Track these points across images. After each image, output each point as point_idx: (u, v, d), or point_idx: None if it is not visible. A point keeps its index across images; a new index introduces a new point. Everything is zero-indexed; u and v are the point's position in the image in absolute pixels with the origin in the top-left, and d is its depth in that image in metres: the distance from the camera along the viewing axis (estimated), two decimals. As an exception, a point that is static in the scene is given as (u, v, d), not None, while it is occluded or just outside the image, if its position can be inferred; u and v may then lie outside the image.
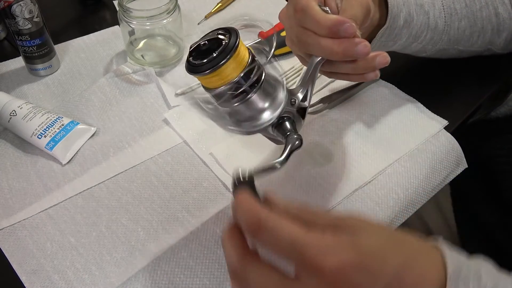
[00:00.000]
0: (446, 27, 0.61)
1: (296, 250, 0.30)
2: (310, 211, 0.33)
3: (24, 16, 0.63)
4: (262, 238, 0.31)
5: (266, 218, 0.31)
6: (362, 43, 0.42)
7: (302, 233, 0.30)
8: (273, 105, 0.42)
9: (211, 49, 0.39)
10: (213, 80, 0.40)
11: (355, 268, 0.29)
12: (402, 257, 0.32)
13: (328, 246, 0.30)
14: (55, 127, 0.60)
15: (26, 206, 0.55)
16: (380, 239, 0.32)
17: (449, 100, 0.68)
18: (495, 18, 0.63)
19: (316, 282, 0.30)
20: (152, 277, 0.49)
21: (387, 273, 0.30)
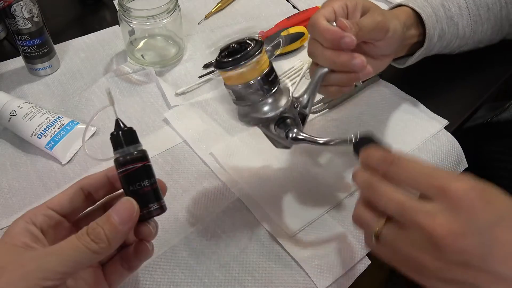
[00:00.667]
0: (472, 33, 0.64)
1: (427, 177, 0.36)
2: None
3: (24, 16, 0.63)
4: (398, 170, 0.38)
5: (399, 156, 0.38)
6: (358, 58, 0.48)
7: (431, 167, 0.37)
8: (277, 105, 0.47)
9: (237, 51, 0.44)
10: (233, 78, 0.45)
11: (476, 192, 0.34)
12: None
13: (452, 176, 0.36)
14: (55, 127, 0.60)
15: (26, 206, 0.55)
16: (492, 186, 0.36)
17: (449, 100, 0.68)
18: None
19: (440, 200, 0.35)
20: (152, 277, 0.49)
21: (502, 208, 0.35)
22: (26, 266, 0.34)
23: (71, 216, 0.42)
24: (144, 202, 0.40)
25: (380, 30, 0.51)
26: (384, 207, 0.37)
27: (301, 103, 0.50)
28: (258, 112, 0.46)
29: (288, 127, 0.48)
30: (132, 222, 0.38)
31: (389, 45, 0.53)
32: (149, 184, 0.41)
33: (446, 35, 0.62)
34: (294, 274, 0.50)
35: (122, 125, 0.42)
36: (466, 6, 0.62)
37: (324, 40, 0.48)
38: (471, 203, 0.34)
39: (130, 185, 0.40)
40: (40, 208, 0.40)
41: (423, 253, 0.35)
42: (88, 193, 0.43)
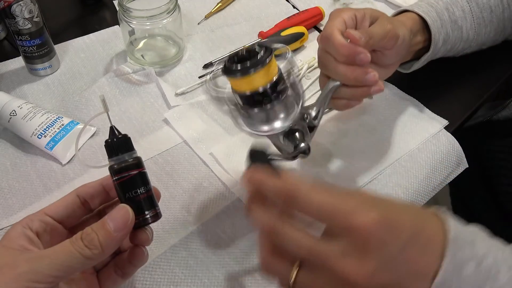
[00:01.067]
0: (475, 36, 0.64)
1: (328, 213, 0.34)
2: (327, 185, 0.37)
3: (24, 16, 0.63)
4: (297, 205, 0.35)
5: (299, 187, 0.35)
6: (371, 73, 0.48)
7: (332, 197, 0.34)
8: (287, 116, 0.46)
9: (246, 58, 0.44)
10: (241, 85, 0.45)
11: (380, 225, 0.33)
12: (415, 218, 0.35)
13: (356, 208, 0.34)
14: (55, 127, 0.60)
15: (26, 206, 0.55)
16: (394, 203, 0.36)
17: (449, 100, 0.68)
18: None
19: (346, 240, 0.33)
20: (152, 277, 0.49)
21: (407, 230, 0.34)
22: (19, 268, 0.35)
23: (68, 222, 0.43)
24: (140, 209, 0.40)
25: (390, 38, 0.51)
26: (293, 253, 0.36)
27: (311, 115, 0.49)
28: (268, 123, 0.46)
29: (297, 140, 0.47)
30: (127, 230, 0.39)
31: (398, 53, 0.54)
32: (144, 191, 0.41)
33: (451, 39, 0.62)
34: (294, 274, 0.50)
35: (116, 132, 0.42)
36: (470, 9, 0.62)
37: (339, 55, 0.48)
38: (378, 238, 0.33)
39: (125, 193, 0.40)
40: (37, 214, 0.41)
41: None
42: (84, 201, 0.43)
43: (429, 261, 0.33)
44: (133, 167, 0.41)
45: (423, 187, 0.58)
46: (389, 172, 0.59)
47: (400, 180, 0.58)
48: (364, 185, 0.57)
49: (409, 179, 0.58)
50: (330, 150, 0.61)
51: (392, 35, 0.51)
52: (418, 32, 0.59)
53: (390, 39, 0.51)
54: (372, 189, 0.57)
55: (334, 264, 0.33)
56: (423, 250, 0.33)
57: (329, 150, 0.61)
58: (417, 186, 0.58)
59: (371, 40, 0.49)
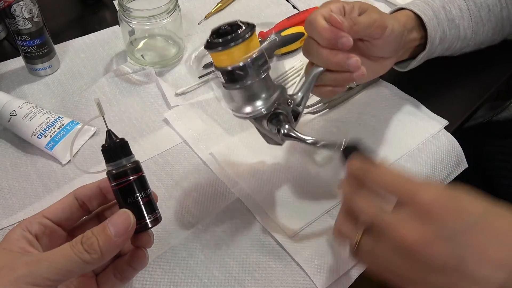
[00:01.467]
0: (473, 35, 0.64)
1: (399, 186, 0.38)
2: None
3: (24, 16, 0.63)
4: (372, 177, 0.40)
5: (376, 165, 0.41)
6: (353, 58, 0.48)
7: (404, 176, 0.38)
8: (269, 98, 0.47)
9: (228, 33, 0.44)
10: (222, 59, 0.45)
11: (444, 202, 0.36)
12: (484, 209, 0.36)
13: (426, 185, 0.37)
14: (55, 127, 0.60)
15: (26, 206, 0.55)
16: (466, 193, 0.37)
17: (449, 100, 0.68)
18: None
19: (410, 209, 0.36)
20: (152, 277, 0.49)
21: (472, 215, 0.35)
22: (18, 271, 0.35)
23: (66, 224, 0.43)
24: (140, 214, 0.40)
25: (377, 27, 0.51)
26: (362, 219, 0.40)
27: (295, 100, 0.50)
28: (251, 105, 0.47)
29: (280, 123, 0.48)
30: (128, 235, 0.39)
31: (387, 45, 0.53)
32: (144, 195, 0.41)
33: (448, 38, 0.62)
34: (294, 274, 0.50)
35: (114, 136, 0.41)
36: (467, 8, 0.62)
37: (321, 39, 0.48)
38: (439, 210, 0.35)
39: (125, 198, 0.40)
40: (36, 216, 0.41)
41: (400, 261, 0.36)
42: (82, 203, 0.43)
43: (503, 252, 0.34)
44: (132, 172, 0.40)
45: (423, 187, 0.58)
46: (389, 172, 0.59)
47: (400, 180, 0.58)
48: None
49: (409, 179, 0.58)
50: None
51: (379, 24, 0.51)
52: (414, 29, 0.59)
53: (376, 28, 0.51)
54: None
55: (394, 227, 0.36)
56: (492, 239, 0.34)
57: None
58: (417, 186, 0.58)
59: (355, 27, 0.49)
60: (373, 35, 0.51)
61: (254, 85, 0.46)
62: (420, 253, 0.35)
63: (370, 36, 0.51)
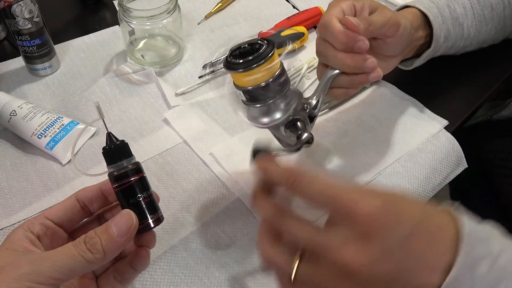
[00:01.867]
0: (476, 33, 0.64)
1: (331, 199, 0.34)
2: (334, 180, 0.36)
3: (24, 16, 0.63)
4: (300, 189, 0.35)
5: (303, 173, 0.35)
6: (370, 59, 0.48)
7: (336, 186, 0.34)
8: (288, 108, 0.46)
9: (248, 53, 0.43)
10: (243, 80, 0.44)
11: (384, 212, 0.32)
12: (420, 209, 0.34)
13: (360, 195, 0.33)
14: (55, 127, 0.60)
15: (26, 206, 0.55)
16: (399, 195, 0.35)
17: (449, 100, 0.68)
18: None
19: (347, 228, 0.33)
20: (152, 277, 0.49)
21: (411, 219, 0.33)
22: (21, 269, 0.35)
23: (67, 226, 0.43)
24: (142, 215, 0.41)
25: (391, 25, 0.50)
26: (294, 243, 0.36)
27: (311, 104, 0.49)
28: (269, 115, 0.46)
29: (299, 130, 0.47)
30: (130, 235, 0.39)
31: (399, 43, 0.53)
32: (146, 196, 0.41)
33: (452, 36, 0.62)
34: (294, 274, 0.50)
35: (114, 138, 0.42)
36: (471, 6, 0.62)
37: (337, 42, 0.48)
38: (381, 226, 0.32)
39: (127, 199, 0.40)
40: (38, 217, 0.41)
41: (344, 285, 0.33)
42: (83, 205, 0.43)
43: (437, 253, 0.32)
44: (133, 174, 0.41)
45: (423, 187, 0.58)
46: (389, 172, 0.59)
47: (400, 180, 0.58)
48: (364, 185, 0.57)
49: (409, 179, 0.58)
50: (330, 150, 0.61)
51: (393, 22, 0.50)
52: (420, 28, 0.59)
53: (391, 26, 0.50)
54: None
55: (335, 252, 0.33)
56: (430, 241, 0.32)
57: (329, 150, 0.61)
58: (417, 186, 0.58)
59: (371, 27, 0.48)
60: (387, 34, 0.51)
61: (275, 102, 0.45)
62: (367, 275, 0.32)
63: (384, 35, 0.51)
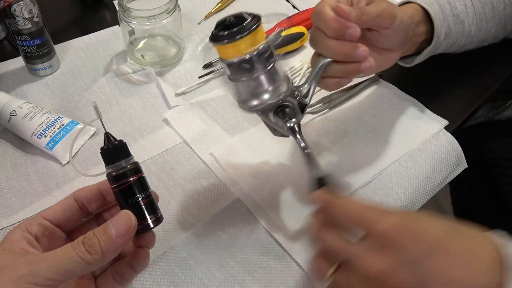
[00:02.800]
0: (477, 31, 0.64)
1: (357, 218, 0.39)
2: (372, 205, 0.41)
3: (24, 16, 0.63)
4: (335, 211, 0.41)
5: (336, 199, 0.42)
6: (361, 47, 0.47)
7: (363, 206, 0.40)
8: (276, 90, 0.46)
9: (233, 25, 0.44)
10: (228, 52, 0.45)
11: (400, 231, 0.36)
12: (444, 231, 0.37)
13: (381, 214, 0.38)
14: (55, 127, 0.60)
15: (26, 206, 0.55)
16: (425, 217, 0.38)
17: (449, 100, 0.68)
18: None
19: (370, 241, 0.37)
20: (152, 277, 0.49)
21: (430, 239, 0.36)
22: (19, 270, 0.35)
23: (65, 226, 0.42)
24: (141, 215, 0.40)
25: (386, 16, 0.50)
26: (332, 253, 0.41)
27: (301, 92, 0.49)
28: (257, 99, 0.46)
29: (287, 116, 0.47)
30: (129, 236, 0.39)
31: (395, 35, 0.53)
32: (145, 196, 0.41)
33: (453, 33, 0.62)
34: (294, 274, 0.50)
35: (112, 138, 0.41)
36: (472, 4, 0.62)
37: (328, 29, 0.47)
38: (398, 240, 0.36)
39: (125, 200, 0.40)
40: (36, 218, 0.41)
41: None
42: (82, 205, 0.43)
43: (469, 274, 0.34)
44: (131, 174, 0.40)
45: (423, 187, 0.58)
46: (389, 172, 0.59)
47: (400, 180, 0.58)
48: (364, 185, 0.57)
49: (409, 179, 0.58)
50: (330, 150, 0.61)
51: (389, 13, 0.50)
52: (420, 23, 0.59)
53: (386, 17, 0.50)
54: (372, 189, 0.57)
55: (359, 260, 0.37)
56: (456, 261, 0.34)
57: (329, 150, 0.61)
58: (417, 186, 0.58)
59: (364, 16, 0.48)
60: (382, 25, 0.51)
61: (260, 77, 0.45)
62: (386, 283, 0.35)
63: (379, 26, 0.51)
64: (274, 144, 0.60)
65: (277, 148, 0.61)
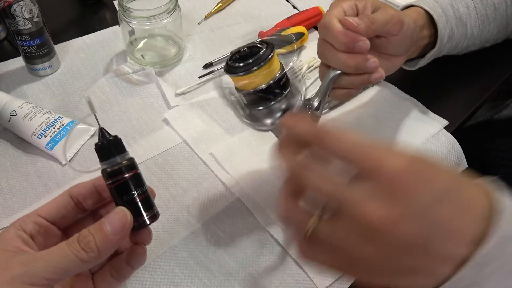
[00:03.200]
0: (479, 33, 0.64)
1: (358, 155, 0.32)
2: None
3: (24, 16, 0.63)
4: (328, 145, 0.33)
5: (332, 129, 0.34)
6: (371, 59, 0.48)
7: (364, 142, 0.32)
8: (290, 109, 0.46)
9: (248, 56, 0.44)
10: (244, 83, 0.45)
11: (412, 173, 0.31)
12: (452, 177, 0.33)
13: (388, 153, 0.32)
14: (55, 127, 0.60)
15: (26, 206, 0.55)
16: (432, 160, 0.33)
17: (449, 100, 0.68)
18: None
19: (372, 184, 0.31)
20: (152, 277, 0.49)
21: (440, 184, 0.31)
22: (13, 270, 0.34)
23: (61, 223, 0.42)
24: (137, 211, 0.40)
25: (395, 23, 0.50)
26: (316, 198, 0.34)
27: (313, 106, 0.49)
28: (270, 117, 0.46)
29: None
30: (125, 233, 0.38)
31: (403, 41, 0.53)
32: (140, 193, 0.40)
33: (456, 36, 0.62)
34: (294, 274, 0.50)
35: (107, 134, 0.40)
36: (474, 6, 0.62)
37: (338, 43, 0.48)
38: (407, 184, 0.30)
39: (121, 196, 0.40)
40: (30, 215, 0.40)
41: (363, 245, 0.31)
42: (77, 201, 0.43)
43: (466, 224, 0.31)
44: (127, 170, 0.40)
45: (423, 187, 0.58)
46: (389, 172, 0.59)
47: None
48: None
49: (409, 179, 0.58)
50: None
51: (397, 19, 0.50)
52: (424, 27, 0.59)
53: (395, 24, 0.50)
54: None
55: (356, 207, 0.31)
56: (459, 211, 0.31)
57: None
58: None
59: (374, 25, 0.48)
60: (391, 32, 0.51)
61: (276, 104, 0.46)
62: (387, 233, 0.30)
63: (387, 33, 0.51)
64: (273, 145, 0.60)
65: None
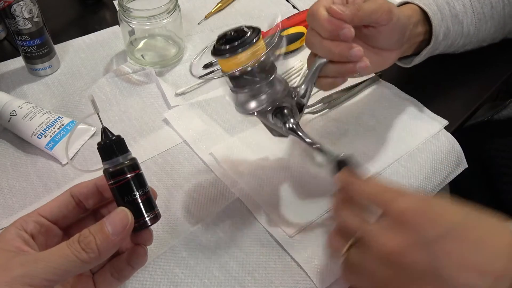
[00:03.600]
0: (476, 32, 0.64)
1: (376, 198, 0.41)
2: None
3: (24, 16, 0.63)
4: (355, 191, 0.43)
5: (357, 178, 0.44)
6: (356, 48, 0.48)
7: (382, 187, 0.41)
8: (274, 93, 0.47)
9: (234, 39, 0.45)
10: (230, 65, 0.46)
11: (415, 212, 0.37)
12: (461, 216, 0.37)
13: (398, 195, 0.39)
14: (55, 127, 0.60)
15: (26, 206, 0.55)
16: (444, 202, 0.39)
17: (449, 100, 0.68)
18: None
19: (386, 221, 0.39)
20: (152, 277, 0.49)
21: (446, 223, 0.36)
22: (13, 271, 0.34)
23: (62, 223, 0.42)
24: (138, 212, 0.40)
25: (383, 12, 0.50)
26: (349, 231, 0.42)
27: (299, 93, 0.50)
28: (255, 101, 0.47)
29: (286, 117, 0.48)
30: (125, 234, 0.38)
31: (393, 33, 0.53)
32: (142, 193, 0.40)
33: (451, 33, 0.62)
34: (294, 274, 0.50)
35: (109, 133, 0.40)
36: (470, 4, 0.62)
37: (323, 30, 0.48)
38: (414, 218, 0.36)
39: (122, 196, 0.39)
40: (31, 215, 0.40)
41: (383, 270, 0.37)
42: (78, 201, 0.42)
43: (485, 258, 0.34)
44: (129, 170, 0.39)
45: (423, 187, 0.58)
46: (389, 172, 0.59)
47: (400, 180, 0.58)
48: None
49: (409, 179, 0.58)
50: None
51: (386, 9, 0.50)
52: (419, 23, 0.59)
53: (383, 13, 0.50)
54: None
55: (375, 237, 0.38)
56: (472, 247, 0.35)
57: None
58: (417, 186, 0.58)
59: (360, 13, 0.48)
60: (380, 21, 0.50)
61: (261, 87, 0.46)
62: (398, 261, 0.36)
63: (376, 22, 0.50)
64: (273, 144, 0.60)
65: (277, 148, 0.61)
